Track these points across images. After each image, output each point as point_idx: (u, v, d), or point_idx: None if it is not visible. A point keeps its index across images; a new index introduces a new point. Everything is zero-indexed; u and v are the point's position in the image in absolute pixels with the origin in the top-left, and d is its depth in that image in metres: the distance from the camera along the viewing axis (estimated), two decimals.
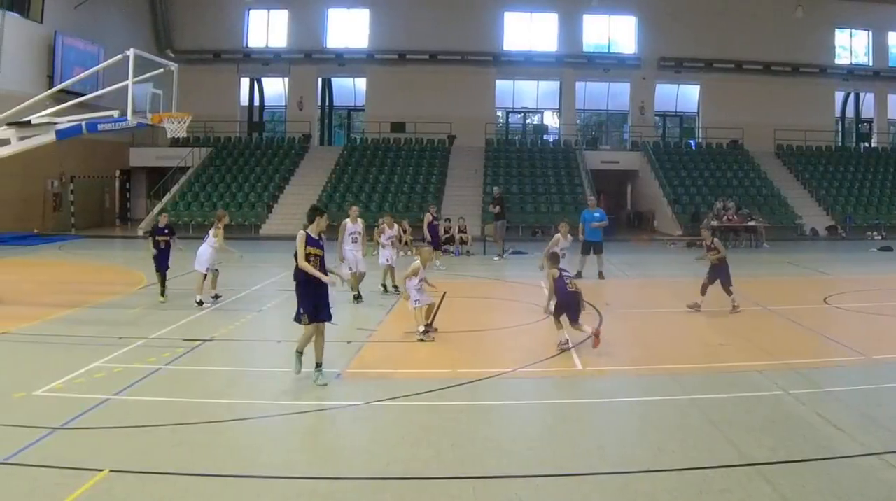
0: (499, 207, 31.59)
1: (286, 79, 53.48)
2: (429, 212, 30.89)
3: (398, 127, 50.79)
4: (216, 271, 19.28)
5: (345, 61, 52.49)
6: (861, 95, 55.62)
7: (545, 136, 54.16)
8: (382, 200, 42.46)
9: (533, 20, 52.81)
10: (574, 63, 52.21)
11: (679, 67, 51.91)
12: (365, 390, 11.53)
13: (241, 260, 20.60)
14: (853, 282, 23.85)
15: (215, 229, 19.13)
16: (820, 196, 44.93)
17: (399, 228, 30.77)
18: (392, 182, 45.11)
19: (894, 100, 54.96)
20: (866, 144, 54.70)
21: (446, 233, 32.06)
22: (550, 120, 56.01)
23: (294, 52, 51.95)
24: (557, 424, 10.27)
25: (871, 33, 53.48)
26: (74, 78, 25.28)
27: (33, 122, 18.84)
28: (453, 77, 50.61)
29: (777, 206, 42.72)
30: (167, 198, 43.60)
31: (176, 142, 40.97)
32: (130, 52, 18.12)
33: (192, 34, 50.87)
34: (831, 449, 8.94)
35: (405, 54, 51.16)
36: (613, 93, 54.40)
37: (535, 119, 56.61)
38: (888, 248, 34.44)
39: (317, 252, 11.60)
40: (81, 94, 22.94)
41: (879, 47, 53.49)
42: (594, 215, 24.85)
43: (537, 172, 46.75)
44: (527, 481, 8.18)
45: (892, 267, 28.39)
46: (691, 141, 53.48)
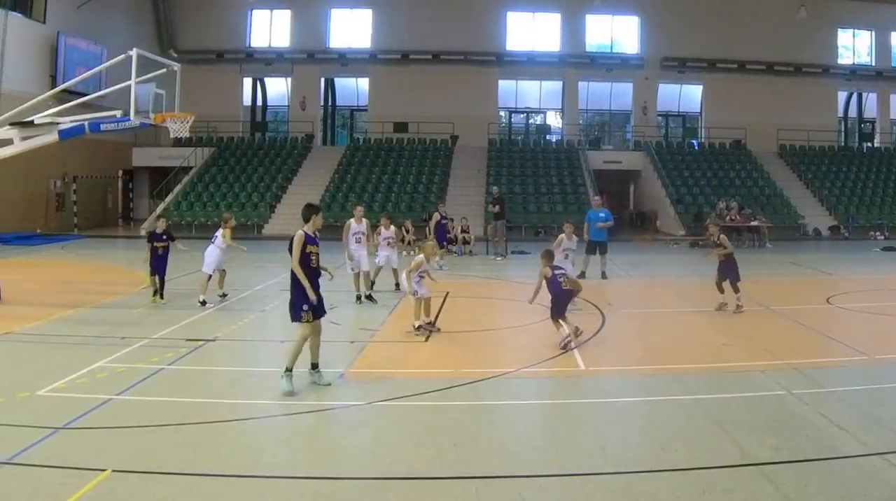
0: (498, 207, 31.57)
1: (289, 79, 53.52)
2: (437, 212, 30.74)
3: (401, 127, 50.81)
4: (223, 271, 19.33)
5: (347, 61, 52.51)
6: (864, 95, 55.59)
7: (548, 136, 54.09)
8: (385, 200, 42.51)
9: (536, 20, 52.79)
10: (577, 63, 52.19)
11: (682, 67, 51.91)
12: (368, 390, 11.53)
13: (247, 252, 20.55)
14: (856, 282, 23.85)
15: (223, 230, 19.22)
16: (823, 196, 44.92)
17: (402, 228, 30.98)
18: (395, 182, 45.10)
19: None
20: (869, 144, 54.64)
21: (449, 232, 32.00)
22: (553, 120, 55.98)
23: (297, 52, 51.98)
24: (560, 424, 10.27)
25: (873, 33, 53.45)
26: (77, 78, 25.22)
27: (36, 122, 18.84)
28: (456, 77, 50.61)
29: (780, 206, 42.71)
30: (170, 198, 43.64)
31: (179, 142, 40.97)
32: (133, 52, 18.13)
33: (195, 34, 50.90)
34: (834, 449, 8.93)
35: (408, 54, 51.18)
36: (616, 93, 54.43)
37: (538, 119, 56.57)
38: (891, 248, 34.43)
39: (315, 250, 11.53)
40: (84, 94, 22.99)
41: (882, 47, 53.45)
42: (599, 215, 24.81)
43: (540, 172, 46.80)
44: (530, 481, 8.18)
45: (895, 267, 28.34)
46: (694, 141, 53.45)
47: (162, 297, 18.93)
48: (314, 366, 11.67)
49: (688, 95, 54.63)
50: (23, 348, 14.15)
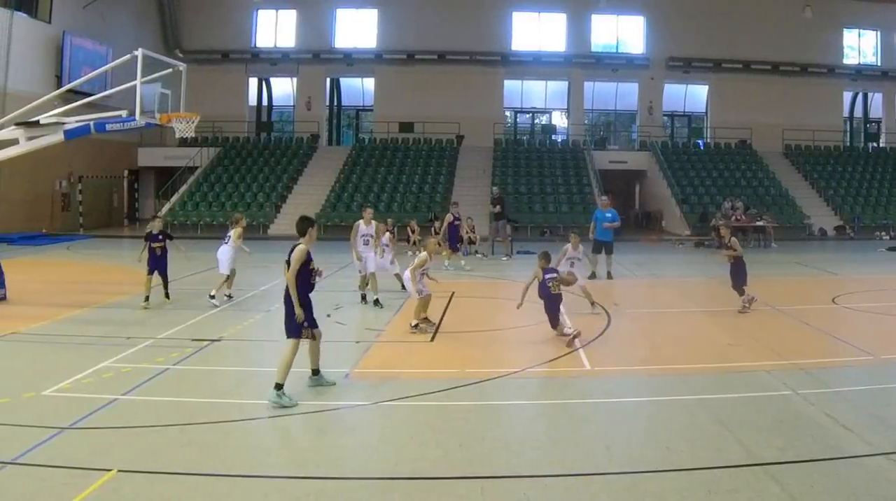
0: (499, 207, 31.55)
1: (294, 79, 53.61)
2: (450, 213, 30.45)
3: (406, 127, 50.82)
4: (233, 271, 19.35)
5: (353, 61, 52.55)
6: (869, 95, 55.60)
7: (553, 136, 54.17)
8: (391, 200, 42.53)
9: (541, 20, 52.82)
10: (582, 63, 52.25)
11: (687, 67, 51.92)
12: (373, 390, 11.54)
13: (250, 254, 20.48)
14: (861, 282, 23.80)
15: (234, 230, 19.33)
16: (828, 196, 44.84)
17: (408, 228, 30.95)
18: (400, 182, 45.13)
19: None
20: (874, 144, 54.61)
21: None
22: (559, 120, 56.05)
23: (302, 52, 52.05)
24: (565, 424, 10.26)
25: (879, 33, 53.42)
26: (83, 78, 25.34)
27: (41, 122, 18.83)
28: (461, 77, 50.64)
29: (785, 206, 42.64)
30: (175, 198, 43.73)
31: (184, 142, 41.07)
32: (139, 52, 18.11)
33: (201, 34, 50.97)
34: (840, 449, 8.92)
35: (413, 54, 51.23)
36: (622, 93, 54.45)
37: (544, 119, 56.61)
38: None
39: (312, 265, 11.40)
40: (90, 94, 23.03)
41: (888, 47, 53.35)
42: (606, 215, 24.77)
43: (545, 172, 46.77)
44: (535, 481, 8.18)
45: None
46: (699, 141, 53.36)
47: (167, 297, 18.88)
48: (315, 372, 11.59)
49: (693, 95, 54.64)
50: (28, 348, 14.17)
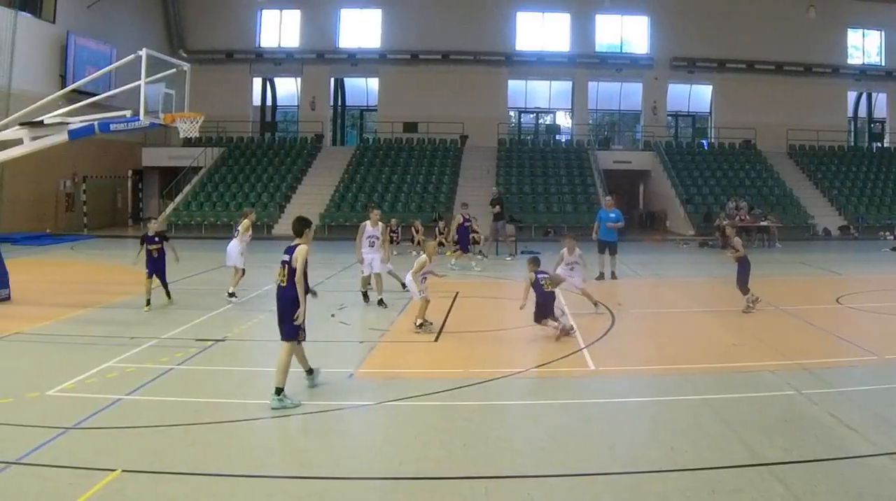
0: (498, 207, 31.50)
1: (299, 79, 53.54)
2: (461, 214, 30.02)
3: (410, 127, 50.82)
4: (243, 270, 19.34)
5: (357, 61, 52.55)
6: (873, 95, 55.41)
7: (557, 136, 54.14)
8: (395, 200, 42.52)
9: (545, 20, 52.78)
10: (586, 63, 52.18)
11: (691, 67, 51.84)
12: (377, 390, 11.55)
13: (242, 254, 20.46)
14: (865, 282, 23.77)
15: (242, 223, 19.62)
16: (832, 196, 44.79)
17: (412, 228, 30.96)
18: (405, 182, 45.13)
19: None
20: (879, 144, 54.45)
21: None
22: (563, 120, 55.98)
23: (306, 52, 52.03)
24: (569, 424, 10.24)
25: (883, 33, 53.29)
26: (87, 78, 25.30)
27: (46, 122, 18.84)
28: (466, 77, 50.63)
29: (789, 206, 42.60)
30: (179, 198, 43.76)
31: (188, 142, 41.02)
32: (143, 52, 18.11)
33: (205, 34, 51.02)
34: (844, 449, 8.91)
35: (418, 54, 51.20)
36: (626, 93, 54.36)
37: (548, 119, 56.56)
38: None
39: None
40: (94, 94, 23.00)
41: (892, 47, 53.20)
42: (609, 215, 24.72)
43: (549, 172, 46.73)
44: (539, 481, 8.18)
45: None
46: (704, 141, 53.36)
47: (168, 297, 18.73)
48: (310, 372, 11.48)
49: (697, 95, 54.54)
50: (32, 348, 14.20)
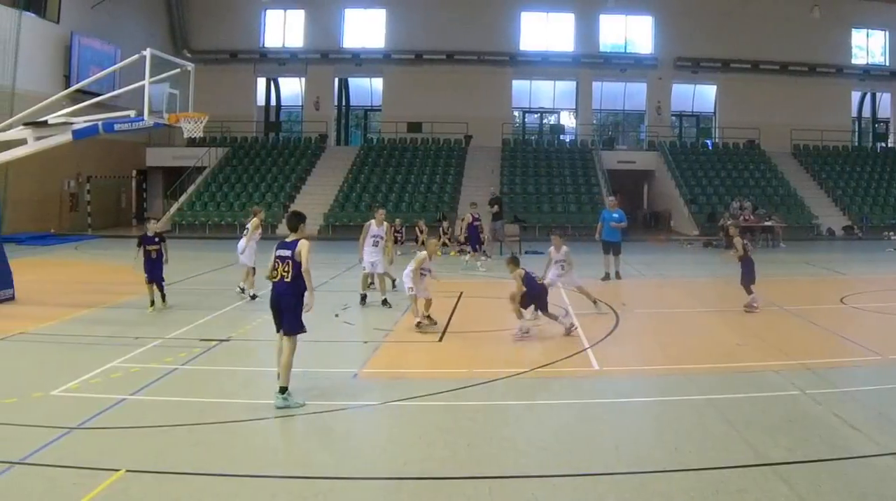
0: (497, 207, 31.47)
1: (303, 79, 53.65)
2: (469, 213, 29.85)
3: (415, 127, 50.84)
4: (253, 268, 19.38)
5: (361, 61, 52.55)
6: (878, 95, 55.41)
7: (562, 136, 54.14)
8: (399, 200, 42.55)
9: (549, 20, 52.74)
10: (591, 63, 52.20)
11: (695, 67, 51.82)
12: (381, 390, 11.56)
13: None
14: (869, 282, 23.73)
15: (251, 222, 19.69)
16: (836, 196, 44.76)
17: (416, 228, 30.98)
18: (409, 182, 45.15)
19: None
20: (883, 144, 54.49)
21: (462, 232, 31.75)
22: (567, 120, 55.95)
23: (311, 52, 52.08)
24: (574, 424, 10.25)
25: (887, 33, 53.24)
26: (91, 78, 25.26)
27: (50, 122, 18.85)
28: (470, 77, 50.65)
29: (794, 206, 42.59)
30: (184, 198, 43.79)
31: (192, 142, 41.09)
32: (147, 51, 18.09)
33: (209, 34, 51.02)
34: (848, 449, 8.90)
35: (422, 54, 51.22)
36: (630, 93, 54.39)
37: (552, 119, 56.49)
38: None
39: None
40: (98, 94, 23.03)
41: None
42: (613, 215, 24.70)
43: (554, 172, 46.79)
44: (543, 481, 8.18)
45: None
46: (708, 141, 53.28)
47: (164, 300, 18.31)
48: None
49: (701, 95, 54.54)
50: (37, 348, 14.22)
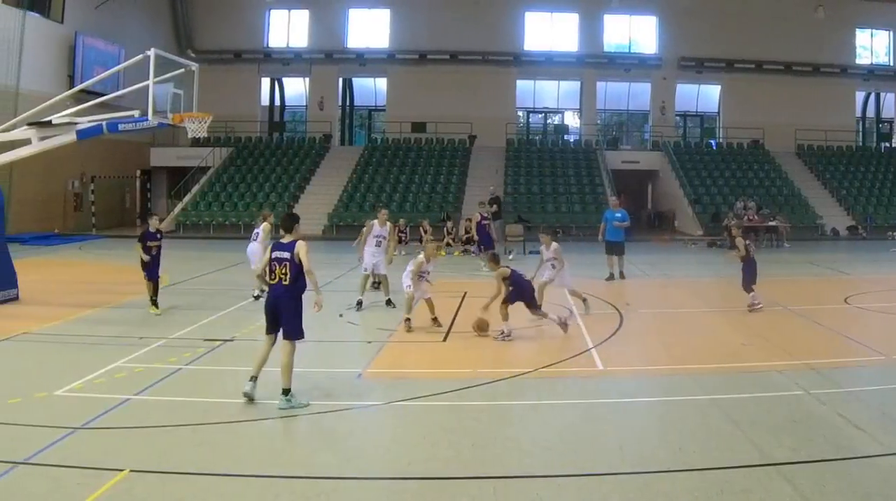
0: (496, 206, 31.45)
1: (307, 79, 53.58)
2: (478, 212, 29.62)
3: (419, 127, 50.76)
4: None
5: (365, 61, 52.54)
6: (882, 95, 55.23)
7: (566, 136, 54.10)
8: (403, 200, 42.55)
9: (554, 20, 52.70)
10: (595, 63, 52.10)
11: (700, 67, 51.74)
12: (385, 390, 11.56)
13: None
14: (874, 282, 23.69)
15: (263, 226, 19.71)
16: (841, 196, 44.67)
17: (420, 228, 30.98)
18: (413, 182, 45.14)
19: None
20: (887, 144, 54.39)
21: (466, 232, 31.78)
22: (571, 120, 55.97)
23: (315, 52, 52.04)
24: (578, 424, 10.24)
25: (892, 33, 53.15)
26: (95, 78, 25.33)
27: (54, 122, 18.85)
28: (474, 77, 50.59)
29: (798, 206, 42.51)
30: (188, 198, 43.81)
31: (196, 142, 41.06)
32: (151, 52, 18.10)
33: (213, 34, 51.02)
34: (852, 449, 8.89)
35: (426, 54, 51.18)
36: (634, 93, 54.31)
37: (556, 119, 56.52)
38: None
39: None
40: (102, 94, 23.06)
41: None
42: (616, 215, 24.68)
43: (558, 172, 46.72)
44: (547, 481, 8.18)
45: None
46: (712, 141, 53.16)
47: (156, 306, 17.88)
48: (254, 379, 10.85)
49: (706, 95, 54.45)
50: (41, 348, 14.23)
